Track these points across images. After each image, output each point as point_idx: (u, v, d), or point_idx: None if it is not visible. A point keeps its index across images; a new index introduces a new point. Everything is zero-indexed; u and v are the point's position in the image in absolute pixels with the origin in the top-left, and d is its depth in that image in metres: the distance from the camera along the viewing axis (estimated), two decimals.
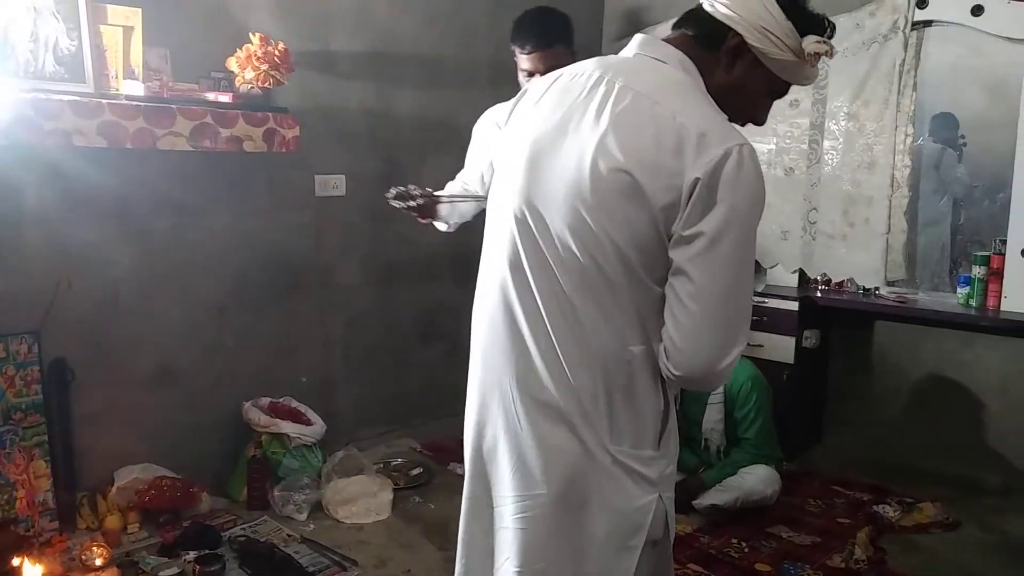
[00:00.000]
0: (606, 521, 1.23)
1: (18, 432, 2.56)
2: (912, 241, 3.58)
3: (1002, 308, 3.17)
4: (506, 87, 3.83)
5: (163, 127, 2.46)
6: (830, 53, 1.23)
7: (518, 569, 1.27)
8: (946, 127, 4.22)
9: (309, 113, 3.06)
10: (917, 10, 3.34)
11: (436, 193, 2.12)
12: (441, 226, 2.21)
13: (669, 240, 1.13)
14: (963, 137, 4.13)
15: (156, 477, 2.75)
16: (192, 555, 2.48)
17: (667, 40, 1.26)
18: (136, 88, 2.49)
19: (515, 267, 1.25)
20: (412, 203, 2.04)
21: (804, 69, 1.24)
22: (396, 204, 2.05)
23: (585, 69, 1.25)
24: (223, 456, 3.05)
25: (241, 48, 2.72)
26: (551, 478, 1.24)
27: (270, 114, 2.73)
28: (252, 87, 2.73)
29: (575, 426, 1.22)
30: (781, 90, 1.28)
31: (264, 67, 2.69)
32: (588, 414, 1.21)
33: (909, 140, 3.42)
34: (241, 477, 2.98)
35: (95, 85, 2.43)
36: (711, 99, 1.21)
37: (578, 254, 1.17)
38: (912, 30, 3.35)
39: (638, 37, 1.28)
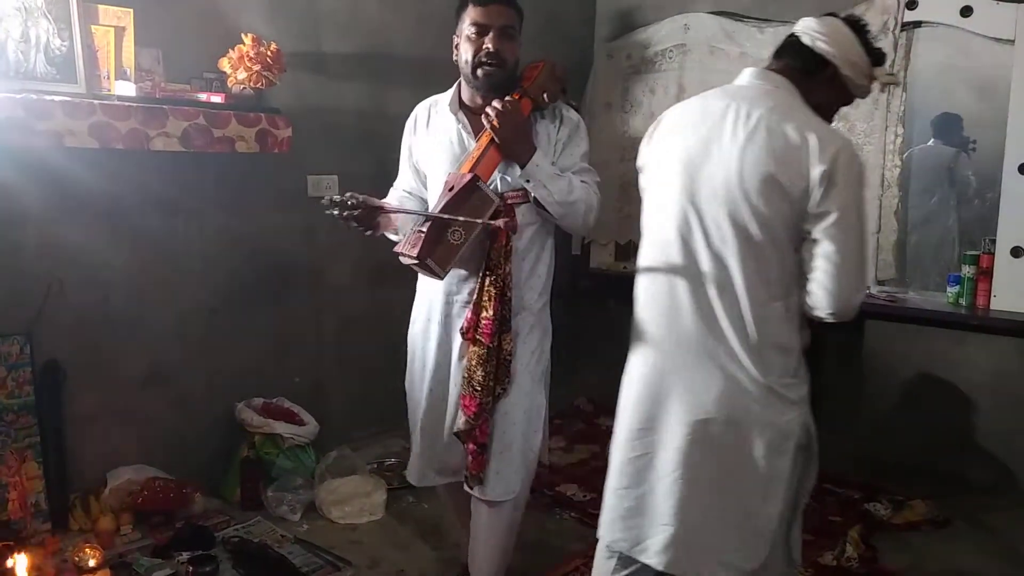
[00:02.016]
0: (766, 433, 1.64)
1: (10, 433, 2.56)
2: (902, 241, 3.60)
3: (991, 307, 3.19)
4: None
5: (155, 128, 2.45)
6: (885, 78, 1.72)
7: (683, 478, 1.67)
8: (951, 128, 4.23)
9: (301, 114, 3.06)
10: (907, 11, 3.35)
11: (379, 202, 2.00)
12: (393, 236, 2.11)
13: (803, 218, 1.56)
14: (974, 142, 4.15)
15: (149, 478, 2.74)
16: (185, 556, 2.48)
17: (772, 69, 1.69)
18: (128, 89, 2.48)
19: (681, 253, 1.66)
20: (347, 212, 1.88)
21: (868, 88, 1.70)
22: (332, 213, 1.88)
23: (713, 100, 1.67)
24: (216, 457, 3.05)
25: (233, 49, 2.71)
26: (719, 406, 1.64)
27: (262, 115, 2.73)
28: (244, 88, 2.73)
29: (735, 366, 1.62)
30: (849, 102, 1.73)
31: (256, 68, 2.69)
32: (744, 356, 1.62)
33: (899, 140, 3.44)
34: (234, 478, 2.98)
35: (86, 85, 2.43)
36: (812, 112, 1.63)
37: (735, 236, 1.59)
38: (902, 31, 3.37)
39: (749, 70, 1.70)
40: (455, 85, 2.12)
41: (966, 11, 3.24)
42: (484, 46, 1.96)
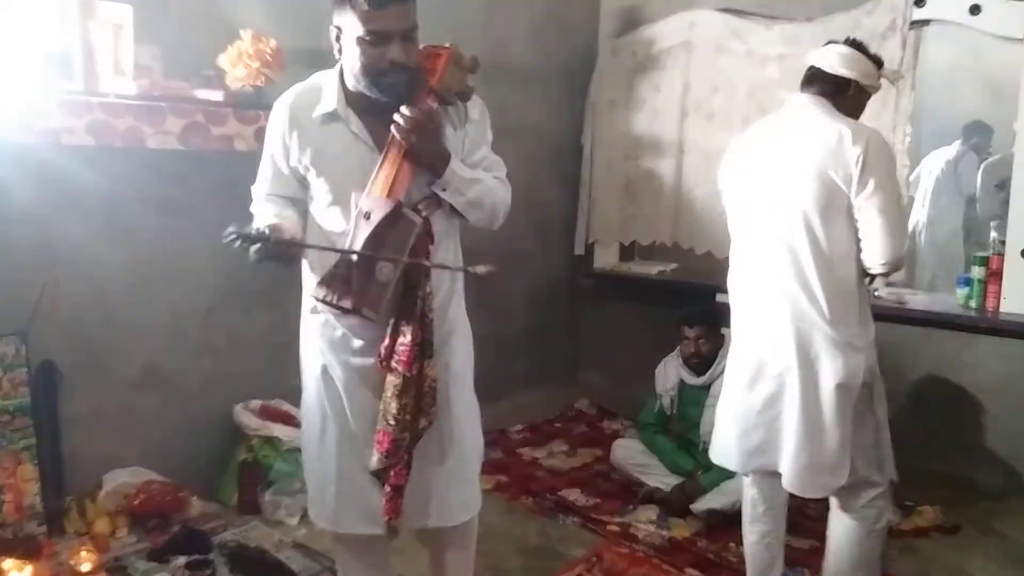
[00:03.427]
0: (835, 376, 2.06)
1: (5, 435, 2.54)
2: (912, 242, 3.56)
3: (1001, 309, 3.15)
4: (500, 86, 3.83)
5: (153, 125, 2.44)
6: (892, 75, 2.28)
7: (778, 415, 2.15)
8: (979, 135, 4.20)
9: None
10: (915, 9, 3.32)
11: (289, 236, 1.72)
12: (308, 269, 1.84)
13: (852, 194, 2.00)
14: (991, 148, 4.11)
15: (145, 481, 2.73)
16: (182, 560, 2.46)
17: (810, 94, 2.14)
18: (126, 86, 2.46)
19: (774, 244, 2.09)
20: (259, 248, 1.66)
21: (879, 86, 2.20)
22: (244, 248, 1.66)
23: (774, 123, 2.19)
24: (213, 460, 3.02)
25: (232, 46, 2.69)
26: (801, 355, 2.08)
27: (261, 112, 2.69)
28: (243, 85, 2.70)
29: (816, 322, 2.05)
30: (868, 99, 2.20)
31: (255, 65, 2.67)
32: (824, 314, 2.04)
33: (908, 140, 3.40)
34: (232, 481, 2.96)
35: (84, 83, 2.40)
36: (847, 117, 2.11)
37: (810, 221, 2.03)
38: (910, 29, 3.34)
39: (795, 97, 2.17)
40: (335, 79, 1.79)
41: (975, 9, 3.20)
42: (387, 58, 1.66)
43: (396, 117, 1.67)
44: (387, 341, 1.75)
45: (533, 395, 4.24)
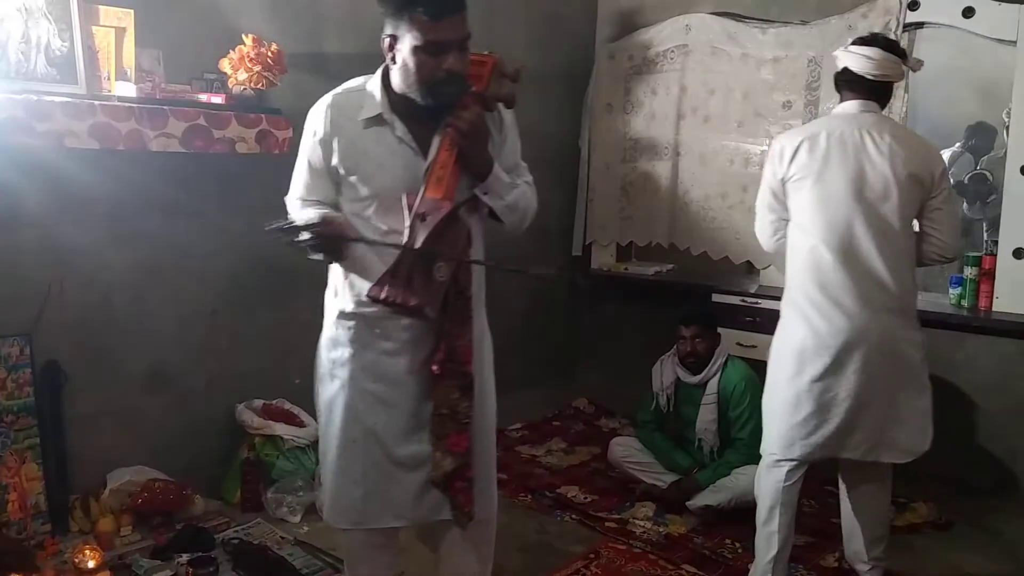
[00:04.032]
0: (916, 346, 2.35)
1: (10, 435, 2.56)
2: None
3: (994, 308, 3.18)
4: None
5: (155, 128, 2.45)
6: (914, 64, 2.43)
7: (855, 395, 2.31)
8: (979, 136, 4.21)
9: (302, 114, 3.01)
10: (909, 12, 3.35)
11: (346, 231, 1.76)
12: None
13: (930, 196, 2.30)
14: (993, 151, 4.13)
15: (149, 480, 2.74)
16: (185, 558, 2.48)
17: (861, 100, 2.34)
18: (128, 89, 2.48)
19: (855, 241, 2.27)
20: (312, 240, 1.70)
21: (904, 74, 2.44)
22: (290, 240, 1.71)
23: (843, 126, 2.32)
24: (216, 458, 3.05)
25: (234, 49, 2.71)
26: (883, 344, 2.29)
27: (263, 115, 2.72)
28: (245, 88, 2.73)
29: (896, 307, 2.29)
30: None
31: (257, 68, 2.69)
32: (906, 299, 2.32)
33: None
34: (235, 479, 2.98)
35: (87, 86, 2.43)
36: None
37: (892, 221, 2.26)
38: (904, 32, 3.37)
39: (852, 103, 2.35)
40: (377, 82, 1.81)
41: (968, 12, 3.24)
42: (444, 67, 1.66)
43: (453, 120, 1.69)
44: (442, 344, 1.76)
45: (531, 394, 4.26)
